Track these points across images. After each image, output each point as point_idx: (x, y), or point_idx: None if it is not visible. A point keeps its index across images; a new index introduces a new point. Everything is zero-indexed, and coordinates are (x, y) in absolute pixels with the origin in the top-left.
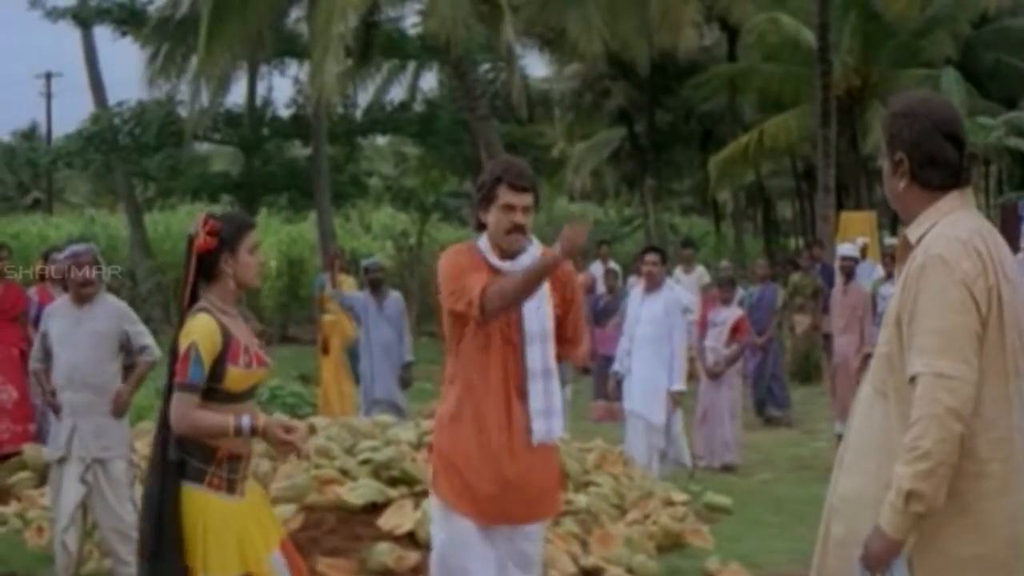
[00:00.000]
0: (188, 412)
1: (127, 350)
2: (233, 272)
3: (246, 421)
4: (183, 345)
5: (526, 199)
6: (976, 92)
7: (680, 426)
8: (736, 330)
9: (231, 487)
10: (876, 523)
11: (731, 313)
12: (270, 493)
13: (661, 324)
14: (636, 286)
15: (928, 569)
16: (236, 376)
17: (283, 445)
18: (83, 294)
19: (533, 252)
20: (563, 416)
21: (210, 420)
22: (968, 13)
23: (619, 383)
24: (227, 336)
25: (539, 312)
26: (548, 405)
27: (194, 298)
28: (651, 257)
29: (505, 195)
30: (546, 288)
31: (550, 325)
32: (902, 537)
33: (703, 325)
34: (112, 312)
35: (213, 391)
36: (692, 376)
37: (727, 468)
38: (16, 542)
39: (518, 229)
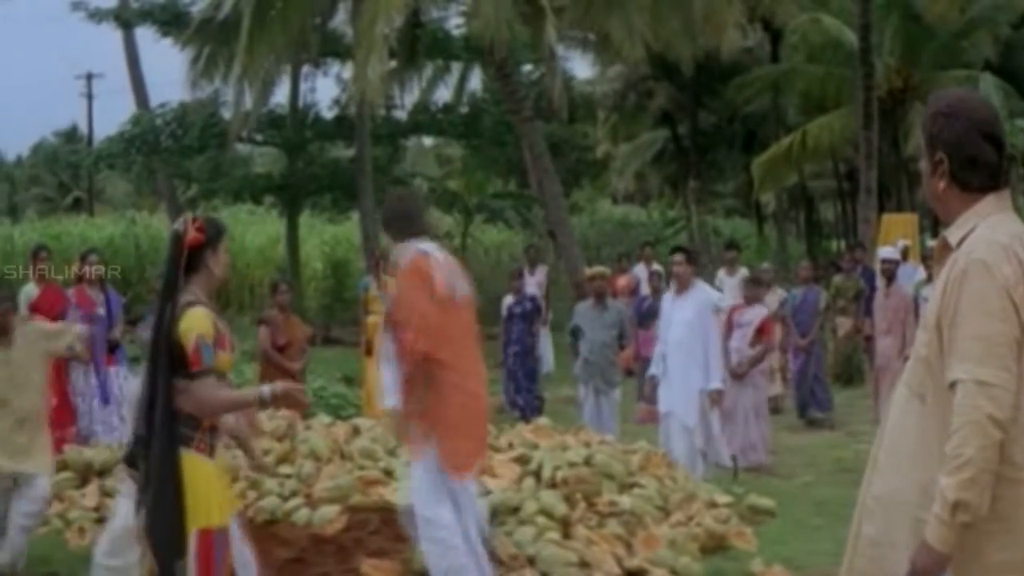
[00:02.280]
0: (214, 393)
1: None
2: (213, 266)
3: (266, 390)
4: (190, 339)
5: None
6: (1015, 94)
7: (719, 427)
8: (761, 331)
9: (212, 451)
10: (922, 539)
11: (756, 314)
12: (314, 494)
13: (694, 326)
14: (668, 289)
15: (963, 574)
16: (224, 360)
17: (296, 401)
18: None
19: None
20: (614, 418)
21: (237, 395)
22: (1007, 15)
23: (655, 387)
24: (216, 326)
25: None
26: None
27: (174, 288)
28: (677, 257)
29: None
30: None
31: None
32: (950, 550)
33: (729, 326)
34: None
35: None
36: None
37: (753, 468)
38: (58, 542)
39: None
